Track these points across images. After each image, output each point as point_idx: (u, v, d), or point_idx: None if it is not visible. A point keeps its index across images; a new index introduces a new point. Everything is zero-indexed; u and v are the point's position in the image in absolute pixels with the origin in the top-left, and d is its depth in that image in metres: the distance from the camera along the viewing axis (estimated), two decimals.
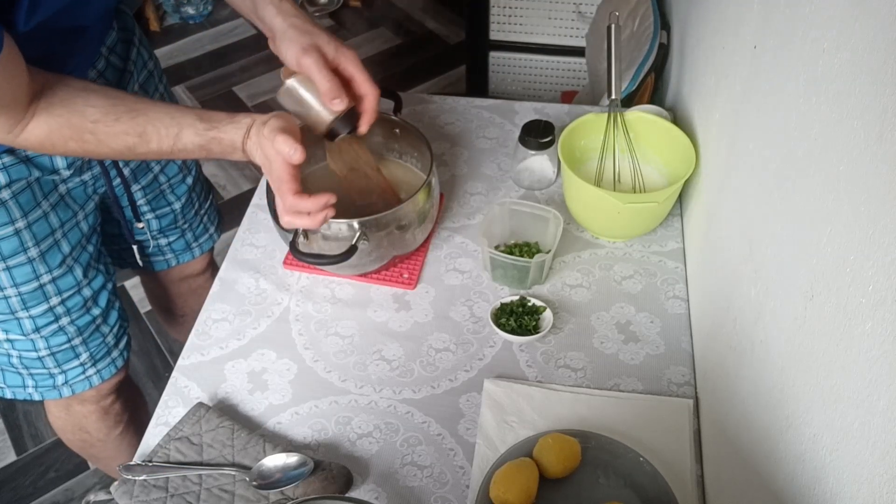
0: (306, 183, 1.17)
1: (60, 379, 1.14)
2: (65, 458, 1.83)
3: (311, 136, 0.96)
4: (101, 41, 1.02)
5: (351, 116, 0.95)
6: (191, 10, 3.17)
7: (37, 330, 1.06)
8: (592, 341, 1.05)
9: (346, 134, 0.96)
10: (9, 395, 1.15)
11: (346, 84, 0.92)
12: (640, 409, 0.96)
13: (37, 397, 1.16)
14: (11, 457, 1.85)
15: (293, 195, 0.87)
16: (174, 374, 1.03)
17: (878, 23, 0.52)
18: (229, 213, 1.62)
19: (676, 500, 0.85)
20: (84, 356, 1.14)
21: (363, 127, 0.96)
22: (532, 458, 0.88)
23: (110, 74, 1.05)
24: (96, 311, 1.12)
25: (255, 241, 1.20)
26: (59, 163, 0.99)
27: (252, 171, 2.54)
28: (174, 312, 1.51)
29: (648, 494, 0.86)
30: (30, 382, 1.13)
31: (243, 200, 1.33)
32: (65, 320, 1.08)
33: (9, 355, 1.09)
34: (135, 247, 1.23)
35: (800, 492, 0.62)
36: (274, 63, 3.01)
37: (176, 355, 1.07)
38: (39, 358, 1.10)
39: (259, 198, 1.26)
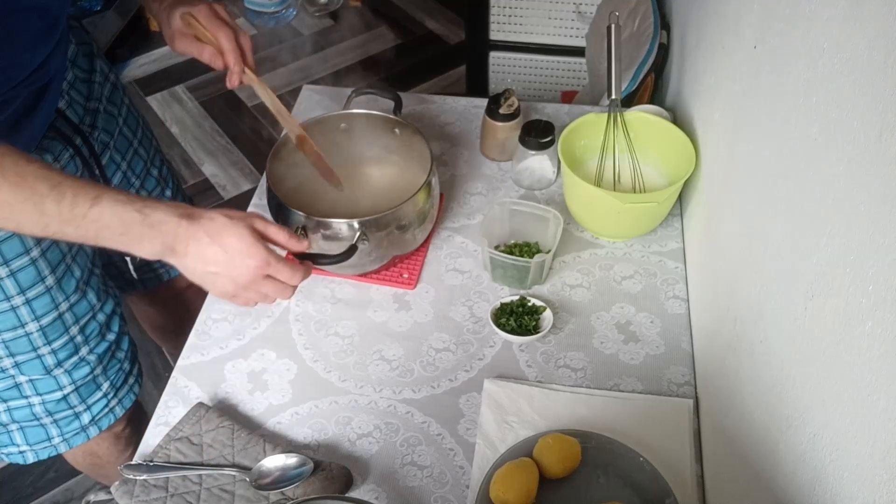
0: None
1: (86, 417, 1.12)
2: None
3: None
4: (65, 53, 1.00)
5: None
6: None
7: (59, 364, 1.05)
8: (592, 341, 1.05)
9: None
10: (31, 459, 1.12)
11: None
12: (640, 409, 0.96)
13: (62, 449, 1.13)
14: None
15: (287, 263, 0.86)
16: (174, 374, 1.03)
17: (878, 23, 0.52)
18: None
19: (676, 500, 0.85)
20: (105, 386, 1.13)
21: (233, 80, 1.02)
22: (532, 458, 0.88)
23: (80, 86, 1.04)
24: (111, 337, 1.12)
25: None
26: None
27: (252, 171, 2.53)
28: (169, 329, 1.52)
29: (648, 494, 0.86)
30: (54, 432, 1.11)
31: (243, 200, 1.33)
32: (84, 350, 1.08)
33: (31, 405, 1.07)
34: (128, 258, 1.21)
35: (800, 492, 0.62)
36: (273, 63, 3.02)
37: (176, 356, 1.07)
38: (64, 397, 1.08)
39: (259, 198, 1.26)
